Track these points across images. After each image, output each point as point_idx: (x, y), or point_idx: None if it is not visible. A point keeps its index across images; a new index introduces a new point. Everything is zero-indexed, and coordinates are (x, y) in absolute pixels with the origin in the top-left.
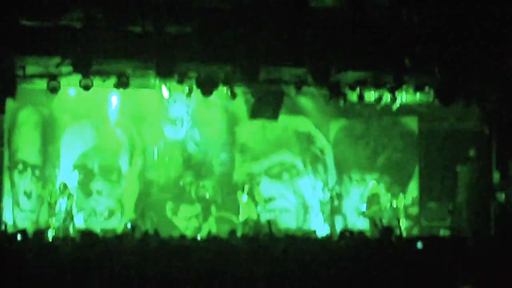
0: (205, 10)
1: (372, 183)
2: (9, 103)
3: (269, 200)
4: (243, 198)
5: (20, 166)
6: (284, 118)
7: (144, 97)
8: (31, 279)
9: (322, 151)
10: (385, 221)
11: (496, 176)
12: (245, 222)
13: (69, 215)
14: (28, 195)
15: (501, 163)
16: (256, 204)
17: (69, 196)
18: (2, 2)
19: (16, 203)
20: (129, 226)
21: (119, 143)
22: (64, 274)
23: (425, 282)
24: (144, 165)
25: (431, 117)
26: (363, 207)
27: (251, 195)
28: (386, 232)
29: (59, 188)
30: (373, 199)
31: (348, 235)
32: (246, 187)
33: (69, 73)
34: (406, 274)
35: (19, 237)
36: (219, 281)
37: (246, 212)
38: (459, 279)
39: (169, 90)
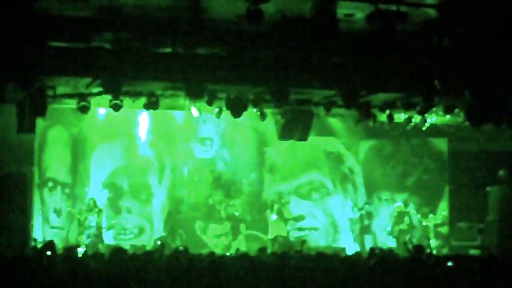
0: (235, 31)
1: (398, 204)
2: (39, 122)
3: (298, 219)
4: (272, 217)
5: (50, 184)
6: (313, 139)
7: (173, 117)
8: None
9: (351, 171)
10: (415, 240)
11: None
12: (274, 240)
13: (99, 232)
14: (58, 213)
15: None
16: (285, 222)
17: (99, 213)
18: (33, 24)
19: (46, 220)
20: (158, 242)
21: (149, 161)
22: None
23: None
24: (174, 183)
25: (461, 138)
26: (388, 227)
27: (280, 213)
28: (417, 251)
29: (88, 205)
30: (399, 219)
31: (378, 252)
32: (276, 206)
33: (99, 93)
34: None
35: (48, 252)
36: None
37: (275, 230)
38: None
39: (199, 110)
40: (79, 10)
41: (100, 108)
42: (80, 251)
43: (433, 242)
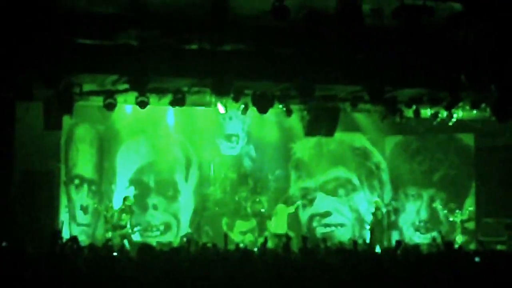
0: (261, 28)
1: (375, 199)
2: (66, 120)
3: (324, 215)
4: (290, 209)
5: (77, 181)
6: (339, 135)
7: (199, 113)
8: None
9: (377, 167)
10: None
11: None
12: (298, 236)
13: (131, 231)
14: (85, 210)
15: None
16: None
17: (131, 211)
18: (60, 21)
19: (72, 217)
20: (185, 239)
21: (175, 158)
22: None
23: None
24: (200, 180)
25: (487, 133)
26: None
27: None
28: (446, 246)
29: (123, 201)
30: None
31: (404, 245)
32: (299, 202)
33: (125, 91)
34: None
35: (74, 246)
36: None
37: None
38: None
39: (225, 107)
40: (105, 7)
41: (127, 105)
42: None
43: (460, 238)
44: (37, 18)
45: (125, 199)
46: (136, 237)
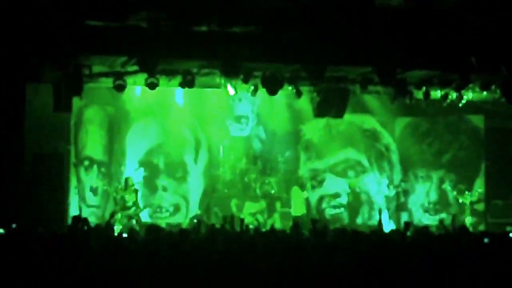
0: (271, 9)
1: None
2: (76, 102)
3: (334, 196)
4: (305, 194)
5: (86, 163)
6: (349, 116)
7: (209, 95)
8: (97, 272)
9: (387, 148)
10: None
11: None
12: (306, 217)
13: (137, 212)
14: (94, 191)
15: None
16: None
17: (135, 192)
18: (69, 3)
19: (82, 199)
20: (195, 221)
21: (185, 140)
22: (130, 268)
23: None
24: (210, 162)
25: (497, 114)
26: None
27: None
28: (455, 228)
29: (124, 183)
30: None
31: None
32: (308, 184)
33: (135, 72)
34: (473, 269)
35: (84, 228)
36: (287, 273)
37: (303, 207)
38: None
39: (235, 88)
40: None
41: (137, 87)
42: (116, 229)
43: (469, 219)
44: (46, 0)
45: (126, 180)
46: (146, 218)
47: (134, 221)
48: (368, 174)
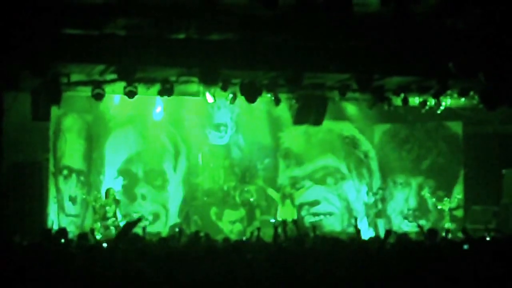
0: (249, 16)
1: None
2: (54, 110)
3: (313, 203)
4: (284, 201)
5: (65, 172)
6: (328, 123)
7: (188, 103)
8: (77, 282)
9: (366, 155)
10: (430, 224)
11: None
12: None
13: (117, 223)
14: (73, 200)
15: None
16: (295, 207)
17: (115, 201)
18: (47, 12)
19: (61, 208)
20: (176, 229)
21: (164, 148)
22: (110, 277)
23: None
24: (189, 170)
25: (476, 121)
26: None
27: (291, 199)
28: (431, 234)
29: (105, 194)
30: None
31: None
32: (287, 191)
33: (113, 81)
34: (451, 276)
35: (62, 240)
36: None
37: (285, 215)
38: (503, 281)
39: (213, 96)
40: None
41: (115, 95)
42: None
43: (449, 226)
44: (24, 8)
45: (107, 191)
46: None
47: (113, 231)
48: (347, 181)
